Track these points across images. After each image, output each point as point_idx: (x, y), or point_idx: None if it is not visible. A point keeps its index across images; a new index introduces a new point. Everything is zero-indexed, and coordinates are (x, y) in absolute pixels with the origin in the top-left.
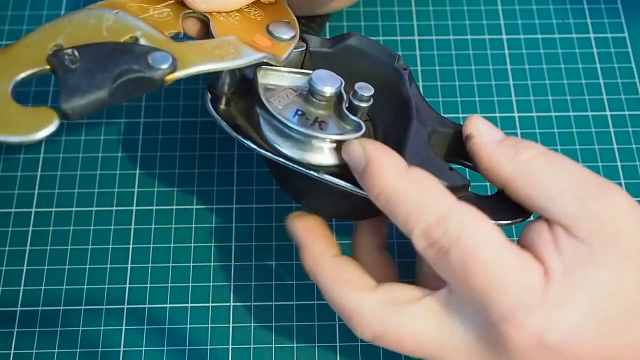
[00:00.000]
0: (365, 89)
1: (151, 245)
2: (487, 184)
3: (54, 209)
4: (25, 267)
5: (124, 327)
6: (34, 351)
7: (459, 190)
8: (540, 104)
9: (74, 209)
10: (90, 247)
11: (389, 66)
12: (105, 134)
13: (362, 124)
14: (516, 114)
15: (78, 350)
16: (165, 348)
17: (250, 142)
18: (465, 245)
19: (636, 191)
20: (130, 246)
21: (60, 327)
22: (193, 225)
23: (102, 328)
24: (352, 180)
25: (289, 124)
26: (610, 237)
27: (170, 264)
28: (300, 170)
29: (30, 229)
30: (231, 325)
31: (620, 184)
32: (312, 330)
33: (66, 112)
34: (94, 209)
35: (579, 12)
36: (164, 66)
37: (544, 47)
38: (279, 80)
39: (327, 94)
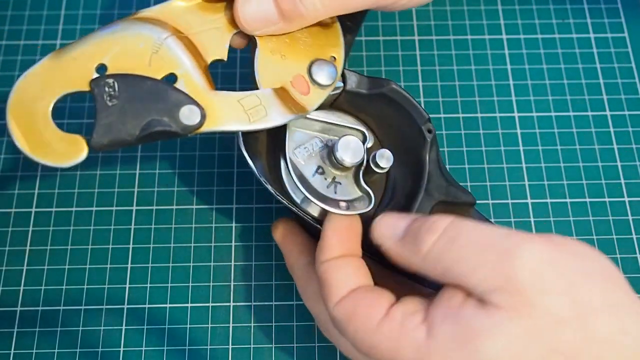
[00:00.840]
0: (385, 160)
1: (151, 245)
2: None
3: (54, 209)
4: (25, 267)
5: (124, 327)
6: (34, 351)
7: None
8: (540, 104)
9: (74, 209)
10: (90, 247)
11: (416, 125)
12: None
13: (372, 195)
14: (516, 114)
15: (78, 350)
16: (165, 348)
17: (270, 187)
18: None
19: (636, 191)
20: (130, 246)
21: (60, 327)
22: (193, 225)
23: (102, 328)
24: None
25: (309, 200)
26: (517, 307)
27: (170, 264)
28: (311, 222)
29: (30, 229)
30: (231, 325)
31: (620, 184)
32: (311, 330)
33: (94, 147)
34: (94, 209)
35: (579, 12)
36: (191, 123)
37: (544, 47)
38: (309, 126)
39: (347, 165)
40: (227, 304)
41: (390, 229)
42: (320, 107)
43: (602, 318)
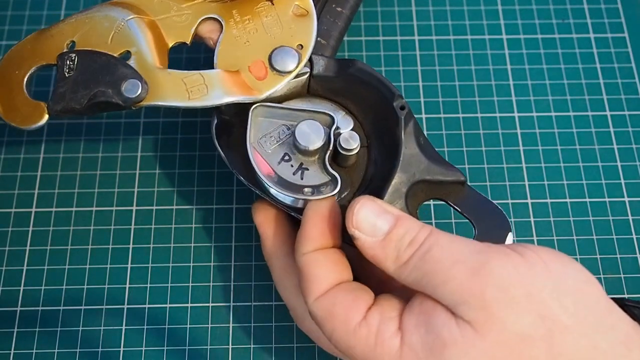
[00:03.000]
0: (350, 142)
1: (151, 245)
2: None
3: (54, 209)
4: (25, 267)
5: (124, 327)
6: (34, 351)
7: None
8: (540, 104)
9: (74, 209)
10: (90, 247)
11: (389, 103)
12: (105, 134)
13: (338, 179)
14: (516, 114)
15: (78, 350)
16: (165, 348)
17: (242, 178)
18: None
19: (636, 191)
20: (130, 246)
21: (60, 327)
22: (193, 225)
23: (102, 328)
24: None
25: (269, 186)
26: (483, 323)
27: (170, 264)
28: (283, 208)
29: (30, 229)
30: (231, 325)
31: (620, 184)
32: None
33: (49, 112)
34: (94, 209)
35: (579, 12)
36: (132, 95)
37: (544, 47)
38: (275, 115)
39: (311, 149)
40: (227, 304)
41: (369, 227)
42: (297, 95)
43: (571, 334)
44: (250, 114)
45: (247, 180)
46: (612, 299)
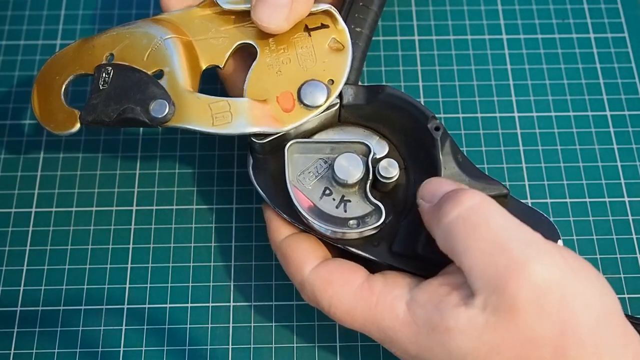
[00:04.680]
0: (389, 169)
1: (151, 245)
2: None
3: (54, 209)
4: (25, 267)
5: (124, 327)
6: (34, 351)
7: None
8: (540, 104)
9: (74, 209)
10: (90, 247)
11: (423, 125)
12: (105, 134)
13: (382, 208)
14: (516, 114)
15: (78, 350)
16: (165, 348)
17: (286, 216)
18: None
19: (636, 191)
20: (130, 246)
21: (60, 327)
22: (193, 225)
23: (102, 328)
24: (373, 251)
25: (312, 223)
26: (502, 317)
27: (170, 264)
28: (328, 241)
29: (30, 229)
30: (231, 325)
31: (620, 184)
32: (312, 330)
33: (81, 122)
34: (94, 209)
35: (579, 12)
36: (159, 115)
37: (544, 47)
38: (311, 149)
39: (350, 183)
40: (227, 304)
41: (429, 195)
42: (328, 126)
43: (584, 350)
44: (286, 152)
45: (289, 217)
46: None
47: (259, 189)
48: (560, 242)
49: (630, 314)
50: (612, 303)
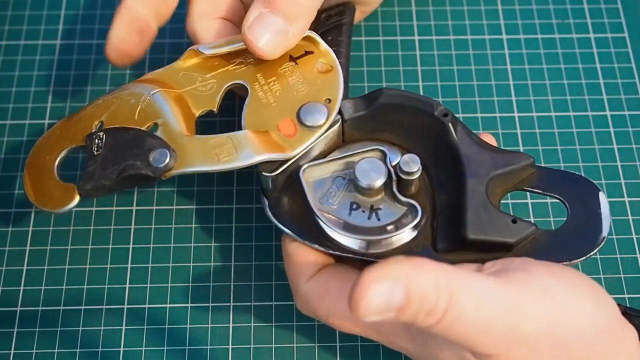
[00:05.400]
0: (411, 164)
1: (151, 245)
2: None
3: None
4: (25, 267)
5: (124, 327)
6: (34, 351)
7: (526, 238)
8: (540, 104)
9: (74, 209)
10: (90, 247)
11: (429, 115)
12: None
13: (416, 205)
14: (516, 114)
15: (78, 350)
16: (165, 348)
17: (317, 246)
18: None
19: (636, 191)
20: (130, 246)
21: (60, 327)
22: (193, 225)
23: (102, 328)
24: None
25: (349, 242)
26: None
27: (170, 264)
28: (366, 260)
29: (30, 229)
30: (231, 325)
31: (620, 184)
32: (312, 330)
33: (80, 193)
34: (94, 209)
35: (579, 12)
36: (161, 165)
37: (544, 47)
38: (325, 170)
39: (377, 186)
40: (227, 304)
41: (379, 311)
42: (335, 148)
43: None
44: (302, 177)
45: (323, 247)
46: None
47: (285, 229)
48: (601, 194)
49: None
50: (605, 321)
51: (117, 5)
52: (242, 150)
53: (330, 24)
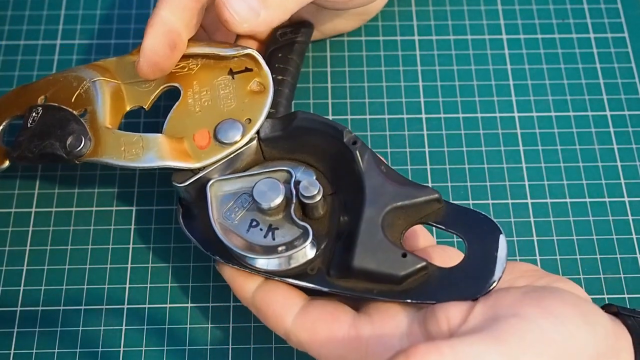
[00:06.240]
0: (311, 187)
1: (151, 245)
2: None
3: (53, 209)
4: (25, 267)
5: (124, 327)
6: (34, 351)
7: (415, 273)
8: (540, 104)
9: (74, 209)
10: (90, 247)
11: (339, 141)
12: None
13: (309, 229)
14: (516, 114)
15: (78, 350)
16: (165, 348)
17: (218, 257)
18: None
19: (636, 191)
20: (130, 246)
21: (60, 327)
22: None
23: (102, 328)
24: (310, 278)
25: (243, 255)
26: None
27: (170, 264)
28: (264, 275)
29: (30, 229)
30: (231, 325)
31: (620, 184)
32: None
33: (8, 159)
34: (94, 209)
35: (579, 12)
36: (75, 150)
37: (544, 47)
38: (233, 185)
39: (272, 208)
40: (227, 304)
41: None
42: (254, 164)
43: None
44: (208, 191)
45: (224, 258)
46: (605, 306)
47: (192, 238)
48: (502, 237)
49: None
50: (601, 345)
51: (117, 5)
52: (147, 152)
53: (284, 41)
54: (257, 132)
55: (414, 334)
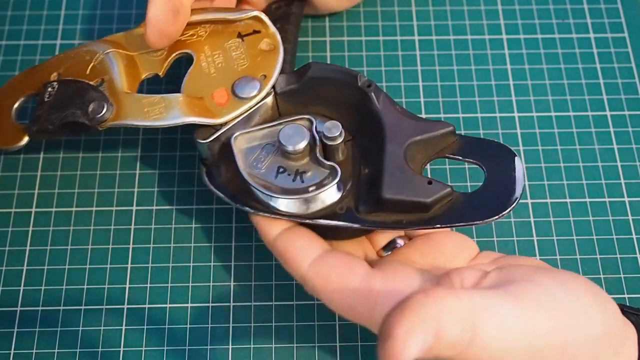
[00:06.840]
0: (333, 129)
1: (151, 245)
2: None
3: (54, 209)
4: (25, 267)
5: (124, 327)
6: (34, 351)
7: (442, 199)
8: (540, 104)
9: (74, 209)
10: (90, 247)
11: (353, 86)
12: (105, 134)
13: (336, 166)
14: (516, 114)
15: (78, 350)
16: (165, 348)
17: (248, 209)
18: None
19: (636, 191)
20: (130, 246)
21: (60, 327)
22: (193, 225)
23: (102, 328)
24: (340, 217)
25: (276, 198)
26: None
27: (170, 264)
28: (295, 220)
29: (30, 229)
30: (231, 325)
31: (620, 184)
32: (312, 330)
33: (28, 134)
34: (94, 209)
35: (579, 12)
36: (97, 116)
37: (544, 47)
38: (256, 137)
39: (298, 151)
40: (227, 303)
41: (414, 351)
42: (270, 120)
43: None
44: (232, 144)
45: (252, 209)
46: None
47: (219, 193)
48: (517, 159)
49: None
50: (610, 326)
51: (117, 5)
52: (171, 110)
53: (279, 14)
54: (273, 87)
55: None
